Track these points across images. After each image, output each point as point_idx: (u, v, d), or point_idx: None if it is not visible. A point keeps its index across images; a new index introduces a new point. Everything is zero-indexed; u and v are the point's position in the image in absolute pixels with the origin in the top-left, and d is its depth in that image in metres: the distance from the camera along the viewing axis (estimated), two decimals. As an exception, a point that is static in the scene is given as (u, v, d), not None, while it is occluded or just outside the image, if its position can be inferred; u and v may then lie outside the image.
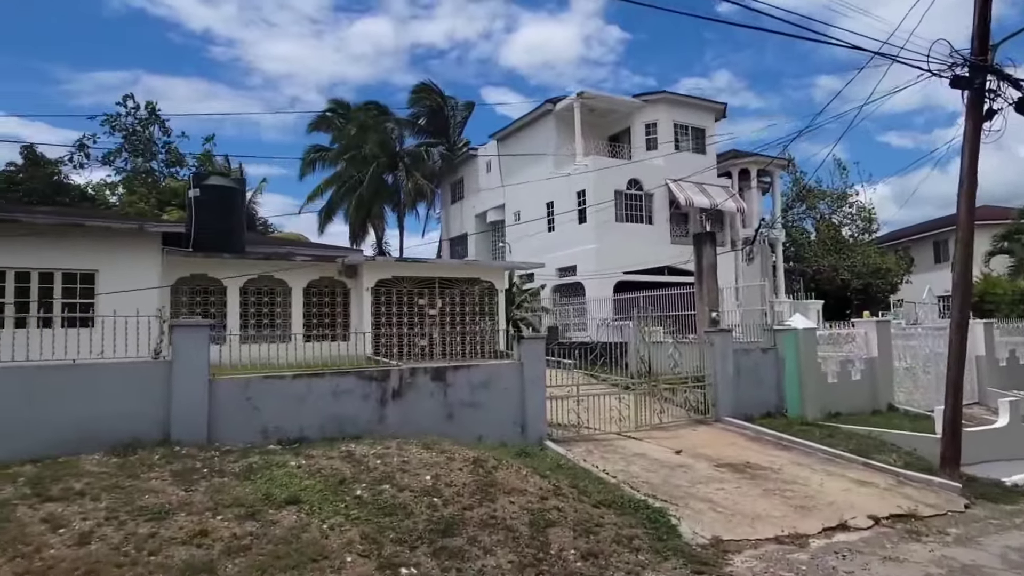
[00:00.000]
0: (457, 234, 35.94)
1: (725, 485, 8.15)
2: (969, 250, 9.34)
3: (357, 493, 5.71)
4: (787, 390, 12.81)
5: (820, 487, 8.33)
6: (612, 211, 24.88)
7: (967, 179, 9.18)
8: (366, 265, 17.56)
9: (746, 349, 12.73)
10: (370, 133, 34.56)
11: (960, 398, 9.57)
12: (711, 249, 13.75)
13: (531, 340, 9.61)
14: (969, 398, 17.00)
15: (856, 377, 14.10)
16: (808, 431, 11.38)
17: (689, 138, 27.43)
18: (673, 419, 11.56)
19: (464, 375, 9.01)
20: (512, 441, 9.02)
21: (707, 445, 10.10)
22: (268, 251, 17.80)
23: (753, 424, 11.56)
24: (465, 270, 18.90)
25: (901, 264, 33.02)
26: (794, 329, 12.95)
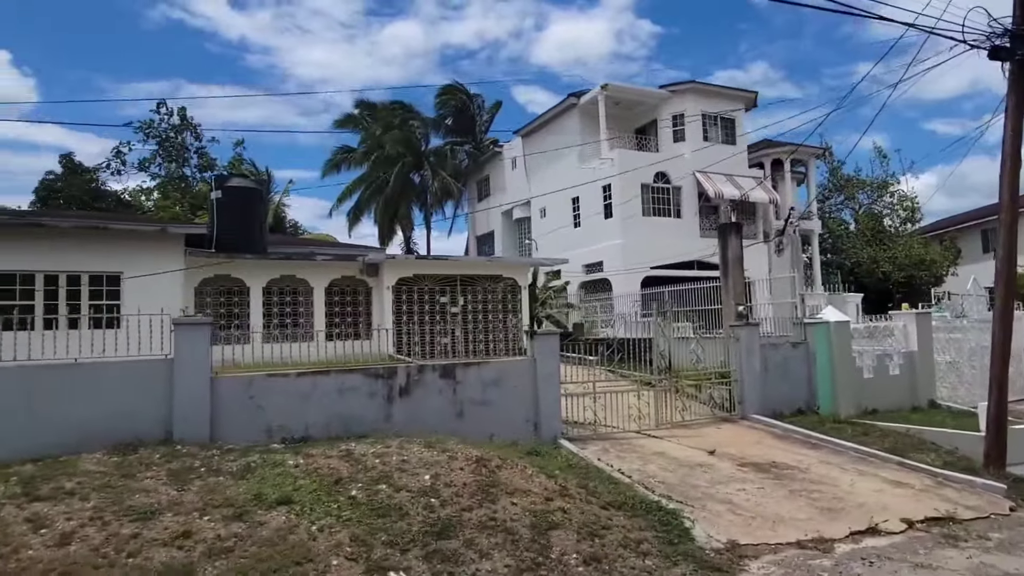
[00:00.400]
0: (484, 232, 35.81)
1: (747, 486, 7.74)
2: (1013, 235, 8.71)
3: (352, 493, 5.53)
4: (819, 386, 12.24)
5: (850, 488, 7.85)
6: (639, 205, 24.36)
7: (1010, 159, 8.55)
8: (387, 264, 17.50)
9: (774, 344, 12.21)
10: (395, 133, 34.68)
11: (1005, 393, 8.94)
12: (737, 240, 13.23)
13: (544, 336, 9.33)
14: (1017, 394, 16.07)
15: (894, 372, 13.41)
16: (840, 429, 10.83)
17: (718, 128, 26.69)
18: (696, 417, 11.14)
19: (474, 372, 8.78)
20: (525, 439, 8.77)
21: (731, 443, 9.67)
22: (289, 251, 17.88)
23: (782, 422, 11.05)
24: (487, 267, 18.69)
25: (947, 255, 31.59)
26: (826, 322, 12.36)
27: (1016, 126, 8.43)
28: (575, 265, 26.03)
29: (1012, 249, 8.71)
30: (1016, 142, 8.47)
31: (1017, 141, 8.47)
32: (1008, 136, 8.51)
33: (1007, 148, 8.53)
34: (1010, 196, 8.60)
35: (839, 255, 32.45)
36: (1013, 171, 8.56)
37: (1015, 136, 8.45)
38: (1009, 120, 8.49)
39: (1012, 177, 8.56)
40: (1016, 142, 8.47)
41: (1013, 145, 8.49)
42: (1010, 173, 8.56)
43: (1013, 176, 8.56)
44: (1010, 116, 8.49)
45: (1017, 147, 8.50)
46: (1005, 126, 8.54)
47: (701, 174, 25.33)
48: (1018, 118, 8.43)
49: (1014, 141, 8.46)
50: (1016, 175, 8.57)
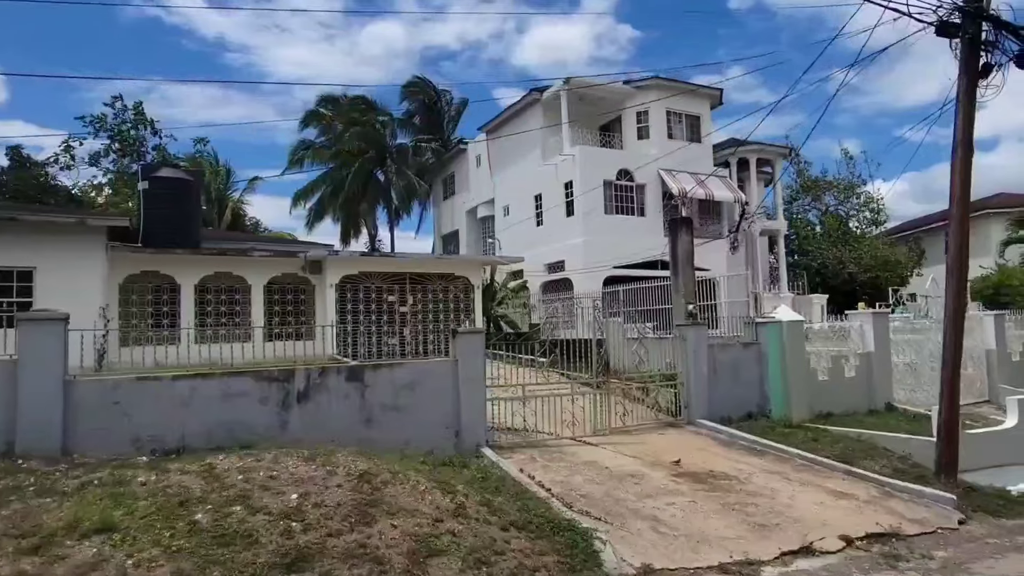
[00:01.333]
0: (449, 231, 34.97)
1: (678, 499, 7.06)
2: (964, 228, 8.18)
3: (195, 518, 4.71)
4: (770, 389, 11.66)
5: (790, 500, 7.22)
6: (601, 203, 23.75)
7: (961, 147, 8.01)
8: (329, 261, 16.63)
9: (724, 344, 11.61)
10: (357, 129, 33.72)
11: (956, 396, 8.40)
12: (687, 236, 12.63)
13: (467, 335, 8.58)
14: (978, 396, 15.76)
15: (850, 374, 12.90)
16: (790, 434, 10.25)
17: (683, 126, 26.23)
18: (640, 422, 10.47)
19: (386, 375, 7.99)
20: (443, 448, 8.02)
21: (670, 451, 9.00)
22: (225, 247, 16.90)
23: (730, 427, 10.44)
24: (438, 265, 17.91)
25: (911, 256, 31.54)
26: (777, 322, 11.79)
27: (968, 111, 7.90)
28: (537, 264, 25.37)
29: (963, 244, 8.19)
30: (968, 128, 7.94)
31: (969, 127, 7.94)
32: (960, 122, 7.98)
33: (959, 135, 8.00)
34: (962, 188, 8.06)
35: (806, 256, 32.24)
36: (965, 160, 8.03)
37: (966, 122, 7.92)
38: (960, 105, 7.96)
39: (964, 167, 8.03)
40: (968, 128, 7.94)
41: (965, 132, 7.96)
42: (962, 163, 8.03)
43: (965, 166, 8.03)
44: (961, 101, 7.96)
45: (969, 134, 7.97)
46: (956, 111, 8.01)
47: (665, 172, 24.82)
48: (969, 103, 7.90)
49: (965, 128, 7.93)
50: (968, 165, 8.04)
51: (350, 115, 34.74)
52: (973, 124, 7.93)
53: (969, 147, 7.97)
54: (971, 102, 7.87)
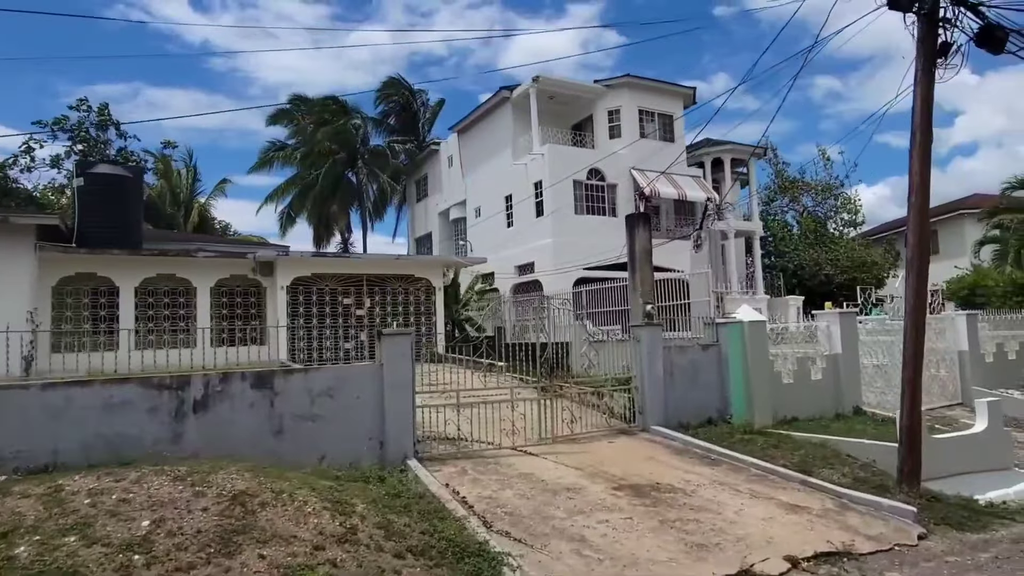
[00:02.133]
0: (423, 233, 34.28)
1: (613, 516, 6.42)
2: (925, 219, 7.65)
3: (15, 551, 4.00)
4: (731, 393, 11.08)
5: (736, 515, 6.60)
6: (571, 202, 23.21)
7: (920, 132, 7.49)
8: (280, 262, 15.89)
9: (682, 346, 11.02)
10: (328, 128, 32.96)
11: (918, 399, 7.85)
12: (644, 233, 12.05)
13: (393, 337, 7.90)
14: (951, 398, 15.31)
15: (816, 377, 12.37)
16: (750, 441, 9.66)
17: (656, 125, 25.77)
18: (589, 429, 9.83)
19: (300, 382, 7.29)
20: (366, 461, 7.34)
21: (617, 461, 8.37)
22: (167, 247, 16.10)
23: (686, 433, 9.83)
24: (396, 266, 17.21)
25: (887, 257, 31.30)
26: (739, 322, 11.22)
27: (925, 93, 7.38)
28: (508, 266, 24.78)
29: (924, 235, 7.66)
30: (926, 112, 7.41)
31: (927, 110, 7.42)
32: (918, 106, 7.46)
33: (917, 119, 7.47)
34: (921, 176, 7.53)
35: (782, 258, 31.91)
36: (924, 146, 7.50)
37: (924, 105, 7.39)
38: (918, 86, 7.43)
39: (923, 153, 7.50)
40: (926, 112, 7.41)
41: (923, 116, 7.43)
42: (920, 148, 7.50)
43: (924, 152, 7.50)
44: (919, 82, 7.44)
45: (928, 118, 7.44)
46: (914, 93, 7.48)
47: (637, 171, 24.33)
48: (927, 84, 7.38)
49: (924, 111, 7.41)
50: (927, 150, 7.52)
51: (321, 115, 33.99)
52: (932, 107, 7.41)
53: (928, 131, 7.45)
54: (929, 83, 7.35)
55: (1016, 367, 15.99)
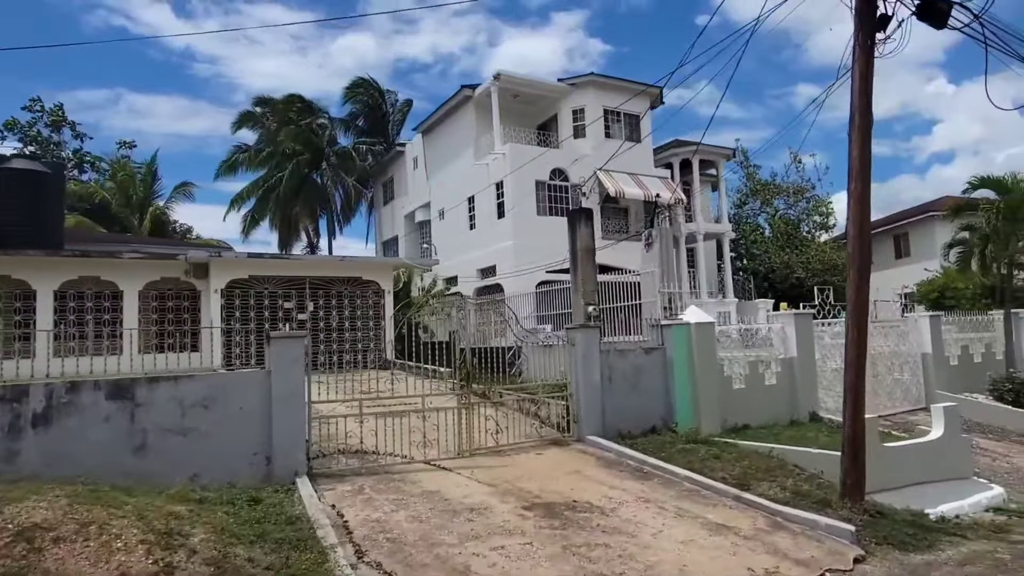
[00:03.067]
0: (389, 237, 33.43)
1: (511, 541, 5.67)
2: (865, 208, 7.02)
3: None
4: (677, 399, 10.40)
5: (652, 538, 5.88)
6: (533, 203, 22.52)
7: (859, 111, 6.86)
8: (214, 263, 15.01)
9: (622, 350, 10.32)
10: (291, 129, 32.08)
11: (861, 406, 7.19)
12: (586, 229, 11.39)
13: (283, 340, 7.11)
14: (915, 403, 14.77)
15: (770, 381, 11.75)
16: (691, 451, 8.97)
17: (622, 125, 25.19)
18: (519, 439, 9.08)
19: (168, 391, 6.48)
20: (249, 479, 6.54)
21: (538, 475, 7.63)
22: (90, 248, 15.17)
23: (624, 444, 9.12)
24: (341, 268, 16.39)
25: (858, 260, 30.93)
26: (684, 324, 10.55)
27: (864, 70, 6.76)
28: (471, 269, 24.04)
29: (864, 226, 7.02)
30: (865, 89, 6.79)
31: (866, 89, 6.79)
32: (856, 85, 6.83)
33: (855, 99, 6.85)
34: (860, 161, 6.90)
35: (754, 261, 31.48)
36: (863, 128, 6.88)
37: (863, 82, 6.77)
38: (856, 63, 6.82)
39: (862, 136, 6.87)
40: (865, 89, 6.79)
41: (862, 94, 6.81)
42: (859, 132, 6.88)
43: (863, 135, 6.88)
44: (857, 59, 6.82)
45: (867, 97, 6.82)
46: (852, 71, 6.86)
47: (603, 172, 23.67)
48: (866, 61, 6.76)
49: (862, 89, 6.79)
50: (867, 134, 6.89)
51: (285, 114, 33.10)
52: (871, 85, 6.79)
53: (867, 111, 6.83)
54: (867, 59, 6.73)
55: (981, 370, 15.52)
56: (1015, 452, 11.89)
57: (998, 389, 14.54)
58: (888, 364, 14.67)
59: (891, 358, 14.81)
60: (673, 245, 26.56)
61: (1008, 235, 14.90)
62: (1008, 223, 14.78)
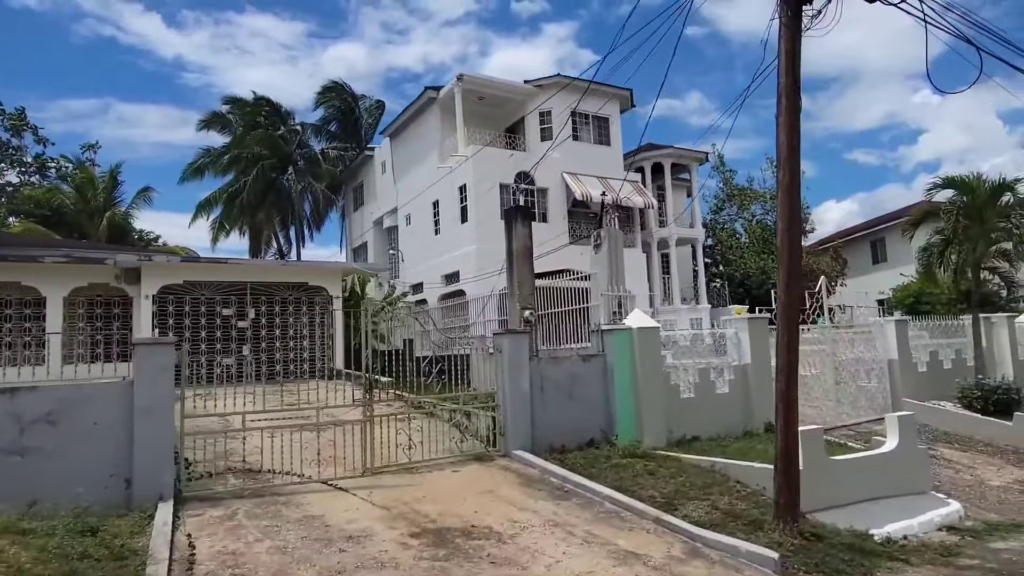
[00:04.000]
0: (359, 244, 32.67)
1: (384, 575, 4.94)
2: (795, 199, 6.39)
3: None
4: (618, 410, 9.70)
5: (547, 570, 5.17)
6: (497, 207, 21.83)
7: (786, 94, 6.25)
8: (146, 268, 14.22)
9: (557, 358, 9.65)
10: (258, 132, 31.33)
11: (794, 417, 6.54)
12: (523, 229, 10.72)
13: (148, 348, 6.36)
14: (881, 411, 14.11)
15: (722, 390, 11.10)
16: (625, 466, 8.27)
17: (590, 128, 24.67)
18: (438, 455, 8.34)
19: (4, 405, 5.71)
20: (104, 504, 5.76)
21: (444, 496, 6.90)
22: (8, 252, 14.33)
23: (555, 458, 8.41)
24: (284, 273, 15.63)
25: (834, 265, 30.52)
26: (626, 329, 9.88)
27: (791, 47, 6.15)
28: (436, 275, 23.34)
29: (794, 218, 6.39)
30: (792, 69, 6.17)
31: (794, 68, 6.18)
32: (782, 63, 6.22)
33: (782, 80, 6.23)
34: (789, 146, 6.27)
35: (730, 267, 30.98)
36: (791, 112, 6.26)
37: (790, 61, 6.16)
38: (782, 40, 6.20)
39: (790, 120, 6.25)
40: (792, 69, 6.17)
41: (789, 75, 6.19)
42: (787, 114, 6.26)
43: (791, 119, 6.25)
44: (783, 36, 6.20)
45: (794, 77, 6.20)
46: (779, 49, 6.25)
47: (570, 175, 23.14)
48: (792, 37, 6.14)
49: (790, 69, 6.17)
50: (794, 117, 6.27)
51: (253, 118, 32.33)
52: (798, 64, 6.18)
53: (795, 94, 6.21)
54: (793, 36, 6.12)
55: (951, 377, 14.93)
56: (980, 463, 11.28)
57: (967, 397, 13.94)
58: (852, 371, 14.08)
59: (856, 365, 14.22)
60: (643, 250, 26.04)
61: (975, 238, 14.36)
62: (974, 224, 14.23)
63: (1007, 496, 9.40)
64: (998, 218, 14.22)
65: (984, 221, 14.25)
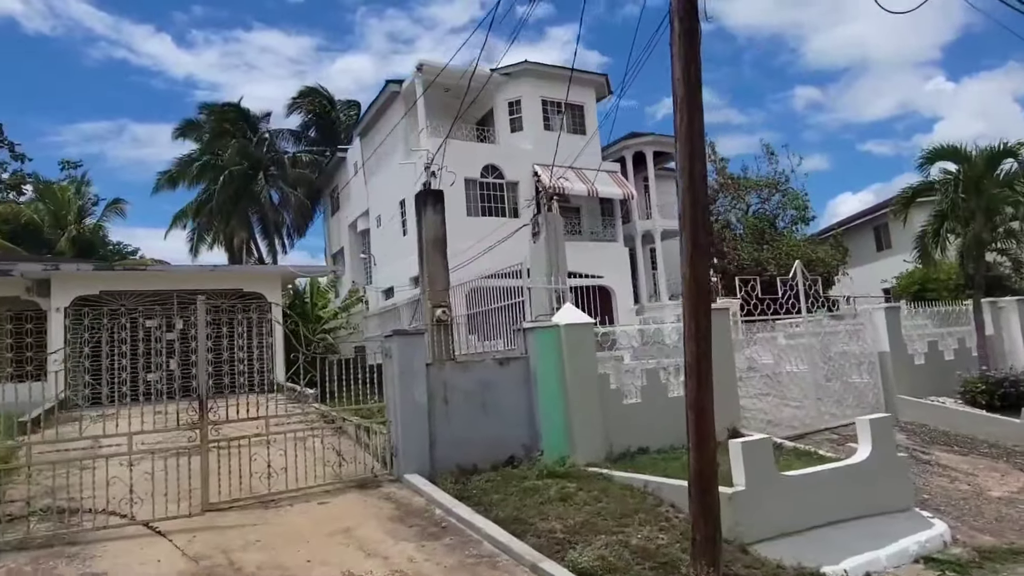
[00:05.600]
0: (337, 249, 31.53)
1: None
2: (696, 149, 5.00)
3: None
4: (544, 421, 8.31)
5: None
6: (462, 203, 20.55)
7: (678, 11, 4.86)
8: (56, 278, 13.07)
9: (466, 363, 8.29)
10: (228, 139, 30.38)
11: (709, 431, 5.15)
12: (435, 216, 9.41)
13: None
14: (871, 410, 12.48)
15: (675, 394, 9.62)
16: (537, 490, 6.90)
17: (563, 117, 23.26)
18: (311, 483, 6.99)
19: None
20: None
21: (283, 540, 5.55)
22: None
23: (452, 483, 7.05)
24: (213, 279, 14.39)
25: (835, 254, 28.84)
26: (552, 327, 8.50)
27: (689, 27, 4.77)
28: (404, 278, 22.08)
29: (695, 169, 4.99)
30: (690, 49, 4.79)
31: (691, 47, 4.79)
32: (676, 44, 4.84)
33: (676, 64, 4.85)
34: (686, 82, 4.89)
35: (723, 260, 29.37)
36: (686, 37, 4.87)
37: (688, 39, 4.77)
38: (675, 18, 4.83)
39: (685, 46, 4.86)
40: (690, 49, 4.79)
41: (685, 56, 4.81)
42: (682, 41, 4.87)
43: (686, 45, 4.87)
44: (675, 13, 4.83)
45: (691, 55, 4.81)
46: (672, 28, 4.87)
47: (541, 167, 21.75)
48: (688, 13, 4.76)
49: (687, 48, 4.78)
50: (692, 42, 4.88)
51: (221, 124, 31.40)
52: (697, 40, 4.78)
53: (689, 15, 4.81)
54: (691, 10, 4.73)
55: (953, 369, 13.31)
56: (981, 469, 9.72)
57: (970, 391, 12.35)
58: (837, 366, 12.56)
59: (840, 359, 12.70)
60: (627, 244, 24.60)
61: (973, 212, 12.77)
62: (971, 198, 12.64)
63: (1008, 510, 7.87)
64: (998, 188, 12.61)
65: (982, 193, 12.67)
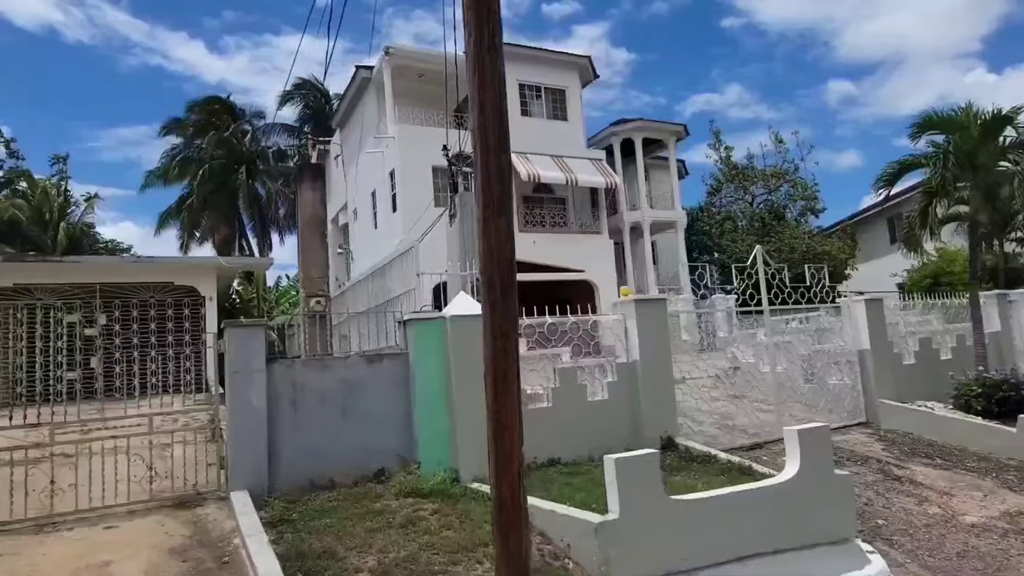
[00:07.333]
0: (324, 245, 30.70)
1: None
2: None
3: None
4: (422, 428, 7.12)
5: None
6: (429, 194, 19.40)
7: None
8: (-35, 270, 12.30)
9: (325, 360, 7.14)
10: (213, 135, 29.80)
11: (513, 452, 3.90)
12: (313, 193, 8.32)
13: None
14: (850, 417, 11.13)
15: (598, 396, 8.39)
16: (381, 514, 5.76)
17: (543, 102, 21.99)
18: (112, 502, 5.92)
19: None
20: None
21: None
22: None
23: (284, 504, 5.92)
24: (138, 272, 13.47)
25: (844, 248, 27.04)
26: (437, 320, 7.30)
27: None
28: (375, 273, 21.10)
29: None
30: None
31: None
32: None
33: None
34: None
35: (724, 253, 27.79)
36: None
37: None
38: None
39: None
40: None
41: None
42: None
43: None
44: None
45: None
46: None
47: (518, 155, 20.49)
48: None
49: None
50: None
51: (208, 119, 30.85)
52: None
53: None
54: None
55: (947, 369, 11.74)
56: (961, 488, 8.22)
57: (964, 395, 10.76)
58: (808, 366, 11.14)
59: (814, 358, 11.27)
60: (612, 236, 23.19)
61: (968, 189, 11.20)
62: (965, 172, 11.05)
63: (977, 542, 6.42)
64: (995, 160, 11.00)
65: (977, 168, 11.08)
